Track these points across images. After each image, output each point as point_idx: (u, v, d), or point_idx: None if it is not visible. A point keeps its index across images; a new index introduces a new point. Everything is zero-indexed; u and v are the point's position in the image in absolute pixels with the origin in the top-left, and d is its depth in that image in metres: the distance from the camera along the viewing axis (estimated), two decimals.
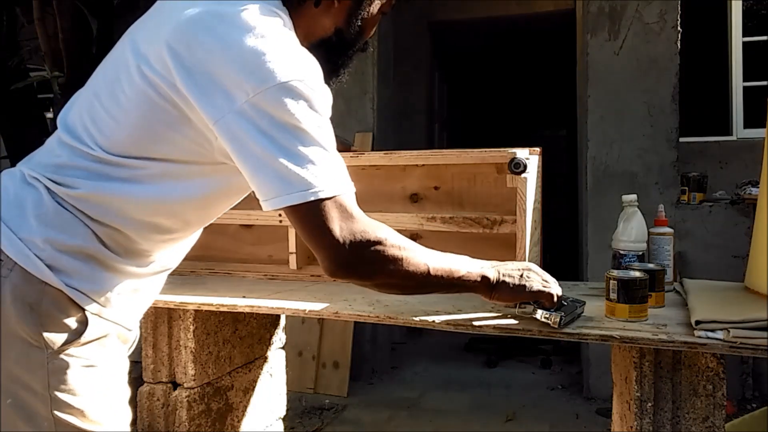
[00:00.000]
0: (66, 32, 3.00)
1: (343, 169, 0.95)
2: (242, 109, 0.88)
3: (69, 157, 0.96)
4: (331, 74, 1.08)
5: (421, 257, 1.01)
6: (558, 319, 1.11)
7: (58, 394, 0.92)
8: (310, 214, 0.91)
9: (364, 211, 1.55)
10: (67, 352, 0.93)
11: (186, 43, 0.90)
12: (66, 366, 0.93)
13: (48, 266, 0.92)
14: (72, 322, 0.93)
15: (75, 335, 0.93)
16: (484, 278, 1.09)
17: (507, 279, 1.11)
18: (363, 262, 0.96)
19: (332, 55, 1.08)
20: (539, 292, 1.12)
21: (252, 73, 0.87)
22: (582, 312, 1.22)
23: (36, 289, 0.91)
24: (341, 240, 0.93)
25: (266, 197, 0.92)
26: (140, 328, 1.62)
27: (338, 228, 0.92)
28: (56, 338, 0.92)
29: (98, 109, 0.97)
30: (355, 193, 0.97)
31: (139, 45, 0.95)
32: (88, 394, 0.95)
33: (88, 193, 0.95)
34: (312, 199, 0.90)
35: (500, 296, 1.11)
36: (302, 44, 0.98)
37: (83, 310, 0.95)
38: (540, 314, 1.13)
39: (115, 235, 0.98)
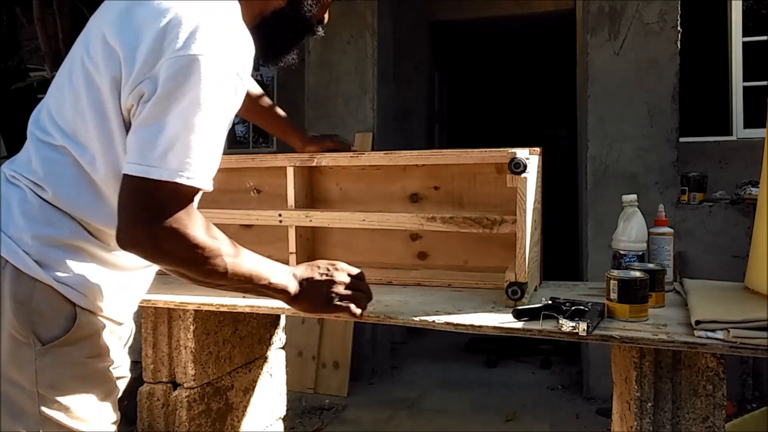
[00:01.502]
0: (66, 32, 3.00)
1: (205, 162, 0.92)
2: (154, 74, 0.89)
3: (38, 150, 0.99)
4: (281, 51, 1.09)
5: (221, 262, 0.96)
6: (585, 326, 1.10)
7: (46, 390, 0.93)
8: (141, 188, 0.90)
9: (365, 211, 1.56)
10: (55, 348, 0.94)
11: (118, 23, 0.93)
12: (54, 362, 0.94)
13: (37, 262, 0.93)
14: (61, 318, 0.95)
15: (64, 331, 0.95)
16: (285, 292, 1.07)
17: (307, 295, 1.09)
18: (154, 245, 0.92)
19: (284, 27, 1.08)
20: (336, 308, 1.11)
21: (170, 41, 0.89)
22: (605, 315, 1.21)
23: (26, 286, 0.93)
24: (147, 222, 0.90)
25: (127, 160, 0.91)
26: (137, 323, 1.62)
27: (153, 213, 0.90)
28: (45, 334, 0.93)
29: (61, 101, 0.99)
30: (210, 190, 0.95)
31: (89, 37, 0.98)
32: (74, 391, 0.96)
33: (63, 196, 0.97)
34: (153, 177, 0.88)
35: (302, 308, 1.12)
36: (256, 17, 1.01)
37: (73, 305, 0.96)
38: (565, 325, 1.12)
39: (99, 226, 1.00)
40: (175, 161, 0.89)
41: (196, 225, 0.93)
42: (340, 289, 1.12)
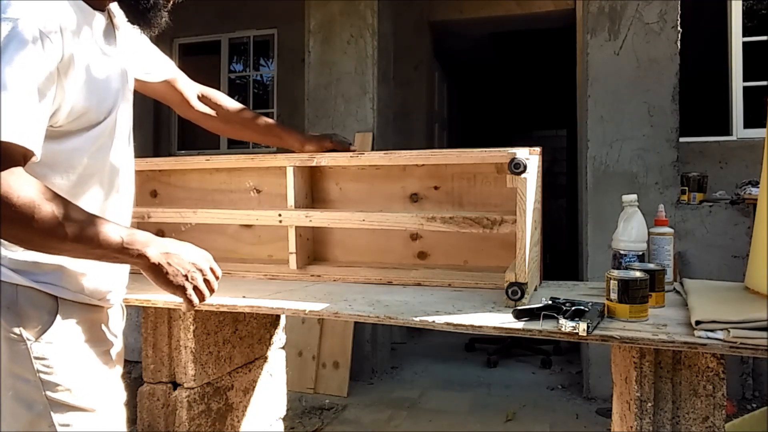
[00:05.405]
0: None
1: (19, 118, 0.91)
2: None
3: None
4: (145, 15, 1.10)
5: (55, 222, 0.94)
6: (585, 326, 1.10)
7: (46, 376, 1.02)
8: None
9: (365, 211, 1.55)
10: (46, 338, 1.02)
11: None
12: (46, 350, 1.02)
13: (15, 270, 1.02)
14: (44, 311, 1.04)
15: (49, 323, 1.03)
16: (143, 257, 1.05)
17: (169, 268, 1.08)
18: None
19: None
20: (184, 292, 1.10)
21: None
22: (605, 315, 1.21)
23: (10, 292, 1.01)
24: None
25: None
26: (138, 323, 1.63)
27: None
28: (33, 328, 1.02)
29: None
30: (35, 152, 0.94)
31: None
32: (72, 374, 1.04)
33: None
34: None
35: (155, 279, 1.09)
36: None
37: (55, 298, 1.04)
38: (565, 325, 1.12)
39: None
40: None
41: (19, 182, 0.91)
42: (198, 277, 1.12)
